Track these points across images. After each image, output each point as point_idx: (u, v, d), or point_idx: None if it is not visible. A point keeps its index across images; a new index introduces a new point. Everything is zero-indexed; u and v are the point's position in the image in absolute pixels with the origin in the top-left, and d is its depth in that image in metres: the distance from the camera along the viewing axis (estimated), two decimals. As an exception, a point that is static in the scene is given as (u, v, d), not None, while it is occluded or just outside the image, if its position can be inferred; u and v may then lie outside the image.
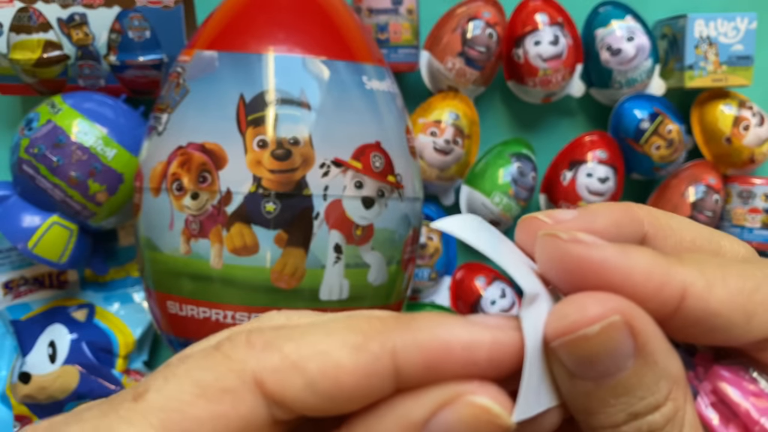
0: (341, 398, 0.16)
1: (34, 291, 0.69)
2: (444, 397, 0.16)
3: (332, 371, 0.16)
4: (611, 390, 0.16)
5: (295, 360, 0.16)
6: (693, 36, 0.69)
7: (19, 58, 0.61)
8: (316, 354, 0.16)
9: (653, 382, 0.16)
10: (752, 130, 0.71)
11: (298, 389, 0.16)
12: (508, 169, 0.69)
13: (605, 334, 0.16)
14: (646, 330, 0.16)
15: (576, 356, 0.16)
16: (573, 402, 0.17)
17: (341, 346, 0.16)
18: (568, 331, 0.16)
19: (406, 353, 0.16)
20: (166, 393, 0.16)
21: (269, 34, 0.51)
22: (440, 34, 0.68)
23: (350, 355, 0.16)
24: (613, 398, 0.16)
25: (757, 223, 0.73)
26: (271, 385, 0.16)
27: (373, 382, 0.16)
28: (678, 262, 0.17)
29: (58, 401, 0.65)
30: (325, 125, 0.49)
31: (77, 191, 0.60)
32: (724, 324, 0.17)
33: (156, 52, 0.63)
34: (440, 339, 0.16)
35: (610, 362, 0.16)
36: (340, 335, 0.16)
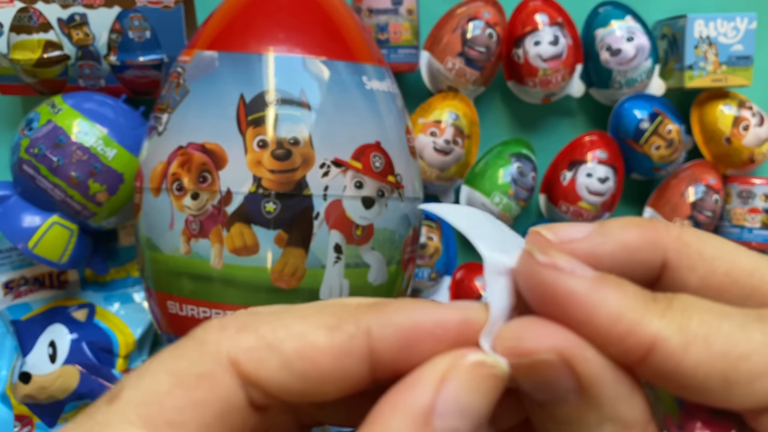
0: (317, 379, 0.16)
1: (35, 291, 0.69)
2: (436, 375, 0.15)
3: (308, 351, 0.16)
4: (552, 416, 0.16)
5: (270, 340, 0.16)
6: (693, 36, 0.70)
7: (19, 59, 0.61)
8: (291, 335, 0.16)
9: (595, 424, 0.16)
10: (752, 130, 0.71)
11: (273, 369, 0.16)
12: (508, 170, 0.69)
13: (535, 368, 0.15)
14: (590, 373, 0.15)
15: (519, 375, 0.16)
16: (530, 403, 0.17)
17: (317, 327, 0.16)
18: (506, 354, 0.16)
19: (381, 333, 0.16)
20: (142, 388, 0.16)
21: (269, 35, 0.51)
22: (440, 35, 0.68)
23: (326, 335, 0.16)
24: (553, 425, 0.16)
25: (756, 223, 0.73)
26: (246, 365, 0.16)
27: (348, 362, 0.16)
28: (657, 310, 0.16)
29: (59, 401, 0.65)
30: (325, 125, 0.49)
31: (77, 191, 0.60)
32: (698, 386, 0.15)
33: (156, 53, 0.63)
34: (413, 318, 0.16)
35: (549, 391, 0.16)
36: (315, 318, 0.16)
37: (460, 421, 0.15)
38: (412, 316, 0.16)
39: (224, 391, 0.16)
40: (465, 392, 0.15)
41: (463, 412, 0.15)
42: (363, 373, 0.16)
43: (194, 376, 0.16)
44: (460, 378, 0.15)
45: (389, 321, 0.16)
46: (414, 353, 0.16)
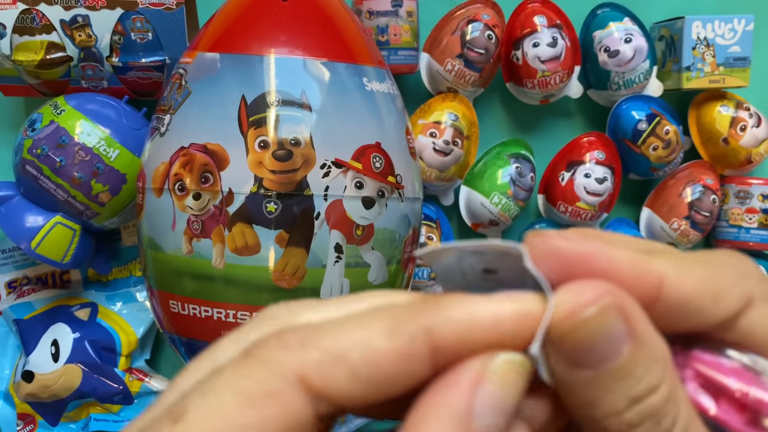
0: (383, 383, 0.16)
1: (37, 290, 0.69)
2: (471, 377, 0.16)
3: (373, 357, 0.16)
4: (610, 375, 0.17)
5: (336, 352, 0.16)
6: (690, 37, 0.70)
7: (22, 60, 0.62)
8: (355, 344, 0.16)
9: (648, 365, 0.17)
10: (749, 130, 0.72)
11: (342, 379, 0.16)
12: (507, 170, 0.69)
13: (601, 315, 0.16)
14: (635, 312, 0.17)
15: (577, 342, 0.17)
16: (573, 396, 0.17)
17: (377, 332, 0.16)
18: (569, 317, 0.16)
19: (440, 330, 0.16)
20: (208, 407, 0.16)
21: (270, 37, 0.51)
22: (440, 37, 0.68)
23: (387, 340, 0.16)
24: (612, 383, 0.17)
25: (754, 223, 0.74)
26: (315, 379, 0.16)
27: (412, 362, 0.16)
28: (651, 255, 0.18)
29: (61, 400, 0.65)
30: (326, 126, 0.50)
31: (80, 191, 0.60)
32: (696, 308, 0.18)
33: (158, 54, 0.64)
34: (471, 314, 0.17)
35: (607, 346, 0.17)
36: (373, 323, 0.17)
37: (497, 419, 0.16)
38: (470, 312, 0.17)
39: (293, 408, 0.16)
40: (499, 390, 0.16)
41: (500, 409, 0.16)
42: (425, 370, 0.17)
43: (262, 395, 0.16)
44: (494, 377, 0.16)
45: (447, 318, 0.16)
46: (473, 347, 0.16)
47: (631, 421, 0.17)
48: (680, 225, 0.72)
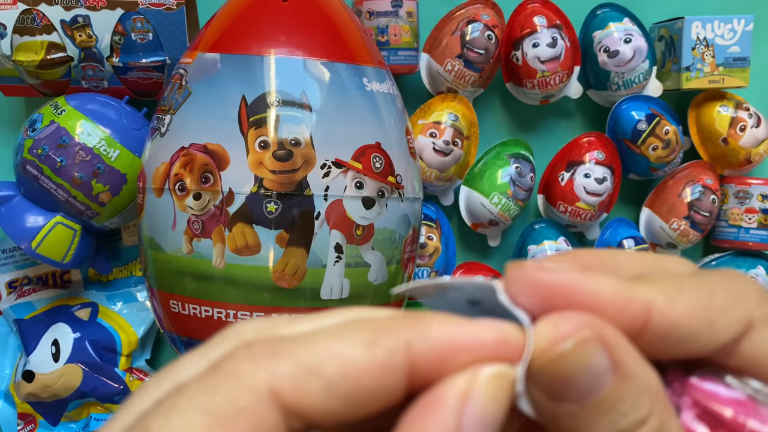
0: (360, 399, 0.15)
1: (38, 290, 0.69)
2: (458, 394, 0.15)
3: (351, 371, 0.15)
4: (594, 409, 0.16)
5: (310, 364, 0.15)
6: (690, 38, 0.70)
7: (22, 60, 0.62)
8: (331, 356, 0.15)
9: (634, 397, 0.16)
10: (749, 131, 0.72)
11: (317, 394, 0.15)
12: (507, 170, 0.69)
13: (579, 349, 0.16)
14: (618, 344, 0.16)
15: (555, 376, 0.16)
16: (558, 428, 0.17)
17: (355, 345, 0.16)
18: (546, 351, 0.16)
19: (420, 347, 0.16)
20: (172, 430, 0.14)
21: (271, 37, 0.51)
22: (440, 37, 0.69)
23: (366, 353, 0.15)
24: (597, 417, 0.16)
25: (753, 223, 0.74)
26: (288, 394, 0.15)
27: (390, 378, 0.16)
28: (637, 282, 0.17)
29: (62, 399, 0.65)
30: (326, 126, 0.50)
31: (81, 191, 0.60)
32: (689, 334, 0.17)
33: (158, 54, 0.64)
34: (452, 333, 0.16)
35: (589, 380, 0.16)
36: (351, 335, 0.16)
37: None
38: (450, 332, 0.16)
39: (265, 425, 0.15)
40: (486, 406, 0.15)
41: (487, 425, 0.15)
42: (401, 388, 0.16)
43: (232, 413, 0.15)
44: (481, 394, 0.15)
45: (428, 335, 0.16)
46: (450, 368, 0.16)
47: None
48: (680, 225, 0.72)
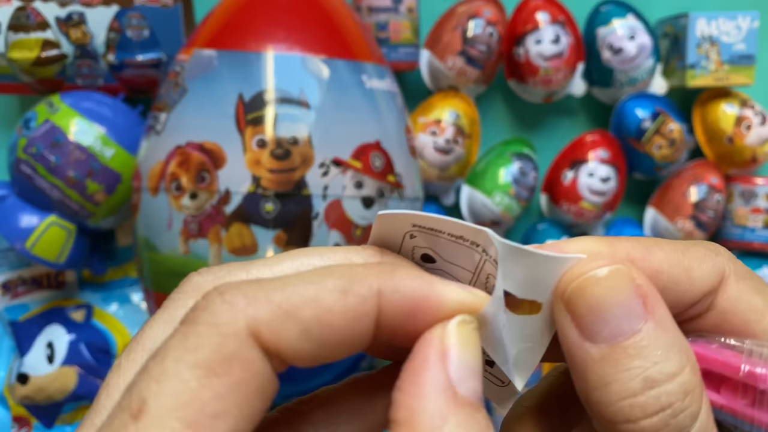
0: (332, 342, 0.16)
1: (32, 291, 0.68)
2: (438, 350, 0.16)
3: (325, 316, 0.16)
4: (624, 351, 0.17)
5: (287, 309, 0.16)
6: (695, 35, 0.69)
7: (17, 57, 0.61)
8: (307, 301, 0.16)
9: (665, 349, 0.17)
10: (754, 129, 0.71)
11: (293, 337, 0.15)
12: (509, 169, 0.68)
13: (613, 277, 0.17)
14: (652, 294, 0.17)
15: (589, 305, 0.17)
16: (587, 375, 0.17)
17: (329, 291, 0.16)
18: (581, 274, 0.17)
19: (390, 297, 0.16)
20: (169, 391, 0.15)
21: (268, 33, 0.51)
22: (441, 33, 0.68)
23: (340, 299, 0.16)
24: (627, 360, 0.17)
25: (759, 223, 0.73)
26: (267, 336, 0.15)
27: (361, 324, 0.16)
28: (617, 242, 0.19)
29: (57, 402, 0.65)
30: (325, 125, 0.49)
31: (75, 191, 0.59)
32: (670, 281, 0.18)
33: (155, 51, 0.63)
34: (422, 290, 0.17)
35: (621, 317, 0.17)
36: (326, 281, 0.16)
37: (474, 380, 0.16)
38: (421, 288, 0.17)
39: (256, 366, 0.15)
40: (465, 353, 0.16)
41: (472, 371, 0.16)
42: (370, 333, 0.17)
43: (222, 361, 0.15)
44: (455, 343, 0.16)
45: (399, 288, 0.17)
46: (416, 322, 0.17)
47: (645, 406, 0.16)
48: (685, 225, 0.71)
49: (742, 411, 0.18)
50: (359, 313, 0.16)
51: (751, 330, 0.19)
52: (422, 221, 0.18)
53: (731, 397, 0.18)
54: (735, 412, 0.18)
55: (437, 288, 0.17)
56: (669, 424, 0.16)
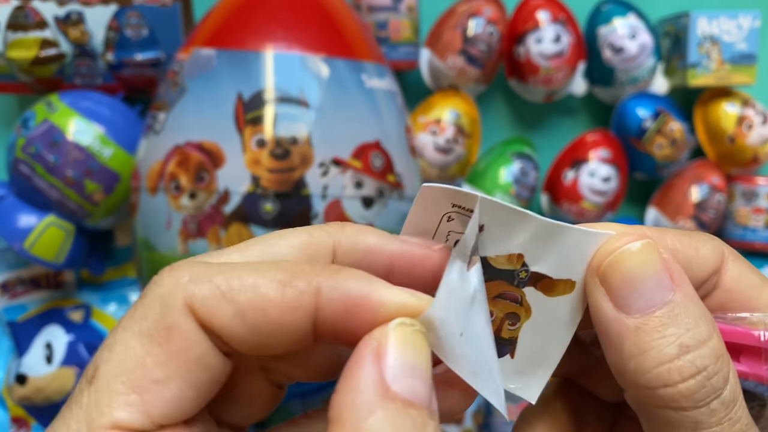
0: (266, 331, 0.17)
1: (31, 292, 0.68)
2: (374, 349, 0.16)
3: (261, 303, 0.16)
4: (659, 320, 0.18)
5: (224, 290, 0.16)
6: (696, 34, 0.69)
7: (15, 57, 0.61)
8: (245, 286, 0.17)
9: (696, 317, 0.18)
10: (756, 129, 0.71)
11: (227, 318, 0.16)
12: (510, 169, 0.68)
13: (645, 250, 0.18)
14: (677, 266, 0.18)
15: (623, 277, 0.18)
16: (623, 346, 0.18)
17: (269, 281, 0.17)
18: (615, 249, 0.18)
19: (329, 295, 0.17)
20: (117, 359, 0.16)
21: (268, 32, 0.50)
22: (441, 32, 0.67)
23: (277, 289, 0.17)
24: (661, 328, 0.18)
25: (760, 223, 0.73)
26: (201, 313, 0.16)
27: (295, 317, 0.17)
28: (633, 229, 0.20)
29: (55, 403, 0.64)
30: (325, 124, 0.49)
31: (74, 191, 0.59)
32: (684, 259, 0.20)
33: (153, 50, 0.63)
34: (362, 290, 0.17)
35: (653, 288, 0.18)
36: (269, 272, 0.17)
37: (413, 380, 0.16)
38: (361, 288, 0.17)
39: (194, 336, 0.16)
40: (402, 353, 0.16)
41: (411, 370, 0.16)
42: (308, 330, 0.17)
43: (164, 330, 0.16)
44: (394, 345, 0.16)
45: (339, 286, 0.17)
46: (356, 321, 0.17)
47: (682, 369, 0.17)
48: (686, 225, 0.71)
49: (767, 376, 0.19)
50: (295, 305, 0.17)
51: (753, 305, 0.20)
52: (463, 200, 0.19)
53: (753, 364, 0.19)
54: (759, 378, 0.19)
55: (378, 289, 0.17)
56: (705, 386, 0.17)
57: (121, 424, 0.16)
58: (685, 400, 0.18)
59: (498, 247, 0.19)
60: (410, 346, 0.16)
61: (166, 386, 0.16)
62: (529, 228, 0.19)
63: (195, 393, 0.17)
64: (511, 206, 0.19)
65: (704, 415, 0.18)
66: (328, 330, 0.17)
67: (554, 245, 0.19)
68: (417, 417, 0.16)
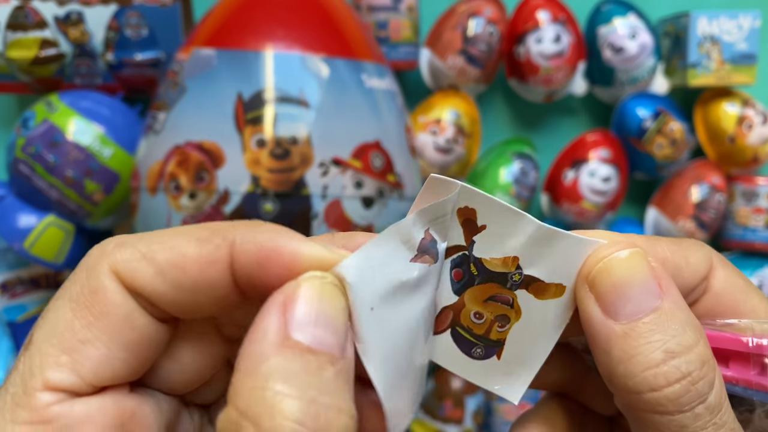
0: (188, 287, 0.17)
1: (31, 292, 0.68)
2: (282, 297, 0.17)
3: (179, 260, 0.17)
4: (645, 326, 0.18)
5: (144, 252, 0.17)
6: (696, 34, 0.69)
7: (15, 57, 0.61)
8: (165, 247, 0.17)
9: (681, 325, 0.18)
10: (756, 128, 0.71)
11: (149, 277, 0.17)
12: (510, 169, 0.68)
13: (633, 258, 0.19)
14: (665, 274, 0.19)
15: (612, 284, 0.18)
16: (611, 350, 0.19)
17: (187, 240, 0.18)
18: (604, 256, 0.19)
19: (242, 247, 0.17)
20: (48, 324, 0.17)
21: (268, 32, 0.50)
22: (441, 32, 0.67)
23: (195, 246, 0.17)
24: (647, 334, 0.18)
25: (760, 223, 0.73)
26: (125, 275, 0.17)
27: (213, 271, 0.17)
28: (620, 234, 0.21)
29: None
30: (324, 124, 0.49)
31: (73, 191, 0.59)
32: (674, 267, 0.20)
33: (153, 50, 0.63)
34: (274, 241, 0.18)
35: (641, 295, 0.18)
36: (189, 233, 0.18)
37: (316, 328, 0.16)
38: (274, 240, 0.18)
39: (118, 298, 0.17)
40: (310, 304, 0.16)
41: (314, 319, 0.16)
42: (229, 285, 0.18)
43: (89, 294, 0.17)
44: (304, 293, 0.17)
45: (252, 238, 0.18)
46: (270, 273, 0.17)
47: (668, 374, 0.18)
48: (686, 224, 0.71)
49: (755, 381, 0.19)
50: (211, 259, 0.17)
51: (741, 309, 0.21)
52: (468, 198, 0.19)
53: (742, 369, 0.19)
54: (747, 383, 0.19)
55: (292, 242, 0.18)
56: (690, 391, 0.18)
57: (52, 384, 0.16)
58: (670, 404, 0.18)
59: (495, 248, 0.19)
60: (317, 297, 0.17)
61: (93, 345, 0.17)
62: (527, 231, 0.19)
63: (126, 354, 0.17)
64: (512, 208, 0.19)
65: (689, 419, 0.18)
66: (247, 284, 0.18)
67: (549, 249, 0.19)
68: (313, 361, 0.16)
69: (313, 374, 0.16)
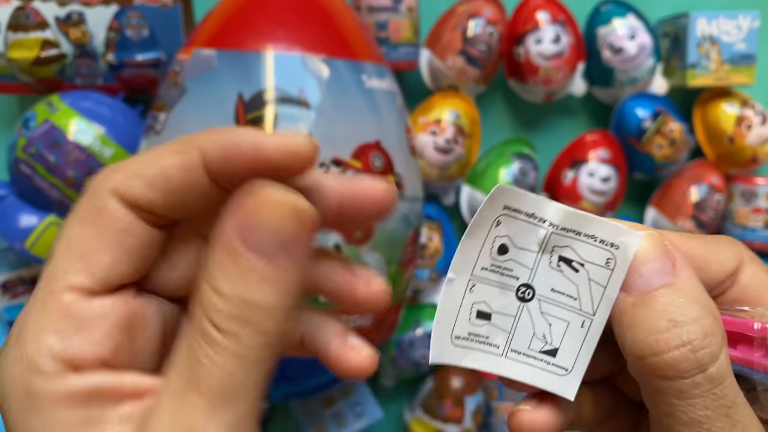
0: (174, 191, 0.20)
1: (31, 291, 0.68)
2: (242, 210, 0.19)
3: (164, 171, 0.20)
4: (654, 298, 0.20)
5: (136, 170, 0.20)
6: (695, 34, 0.69)
7: (16, 57, 0.61)
8: (150, 164, 0.20)
9: (690, 300, 0.20)
10: (755, 129, 0.71)
11: (141, 188, 0.20)
12: (510, 169, 0.68)
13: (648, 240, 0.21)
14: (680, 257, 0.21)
15: None
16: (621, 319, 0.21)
17: (168, 155, 0.21)
18: None
19: (208, 148, 0.20)
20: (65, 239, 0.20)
21: (268, 32, 0.50)
22: (441, 32, 0.67)
23: (172, 158, 0.20)
24: (655, 304, 0.20)
25: (759, 223, 0.73)
26: (122, 190, 0.20)
27: (192, 173, 0.20)
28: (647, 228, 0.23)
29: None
30: (325, 124, 0.49)
31: (74, 191, 0.59)
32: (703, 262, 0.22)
33: (154, 51, 0.63)
34: (234, 138, 0.20)
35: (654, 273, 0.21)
36: (167, 149, 0.21)
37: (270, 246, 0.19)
38: (234, 137, 0.20)
39: (119, 212, 0.20)
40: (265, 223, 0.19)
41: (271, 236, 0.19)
42: (206, 182, 0.20)
43: (95, 212, 0.20)
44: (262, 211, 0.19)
45: (215, 138, 0.20)
46: (237, 166, 0.20)
47: (669, 340, 0.19)
48: (685, 225, 0.71)
49: (757, 361, 0.21)
50: (188, 164, 0.20)
51: (764, 302, 0.22)
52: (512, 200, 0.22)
53: (747, 351, 0.21)
54: (751, 363, 0.21)
55: (250, 135, 0.20)
56: (688, 358, 0.19)
57: (72, 284, 0.20)
58: (669, 369, 0.20)
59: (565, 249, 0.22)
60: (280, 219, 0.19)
61: (102, 253, 0.20)
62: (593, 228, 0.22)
63: (129, 258, 0.21)
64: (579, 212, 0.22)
65: (687, 386, 0.20)
66: (223, 179, 0.20)
67: None
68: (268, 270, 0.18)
69: (246, 273, 0.18)
